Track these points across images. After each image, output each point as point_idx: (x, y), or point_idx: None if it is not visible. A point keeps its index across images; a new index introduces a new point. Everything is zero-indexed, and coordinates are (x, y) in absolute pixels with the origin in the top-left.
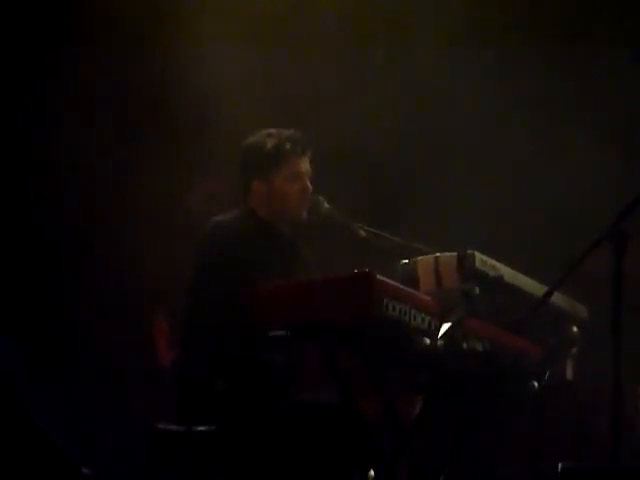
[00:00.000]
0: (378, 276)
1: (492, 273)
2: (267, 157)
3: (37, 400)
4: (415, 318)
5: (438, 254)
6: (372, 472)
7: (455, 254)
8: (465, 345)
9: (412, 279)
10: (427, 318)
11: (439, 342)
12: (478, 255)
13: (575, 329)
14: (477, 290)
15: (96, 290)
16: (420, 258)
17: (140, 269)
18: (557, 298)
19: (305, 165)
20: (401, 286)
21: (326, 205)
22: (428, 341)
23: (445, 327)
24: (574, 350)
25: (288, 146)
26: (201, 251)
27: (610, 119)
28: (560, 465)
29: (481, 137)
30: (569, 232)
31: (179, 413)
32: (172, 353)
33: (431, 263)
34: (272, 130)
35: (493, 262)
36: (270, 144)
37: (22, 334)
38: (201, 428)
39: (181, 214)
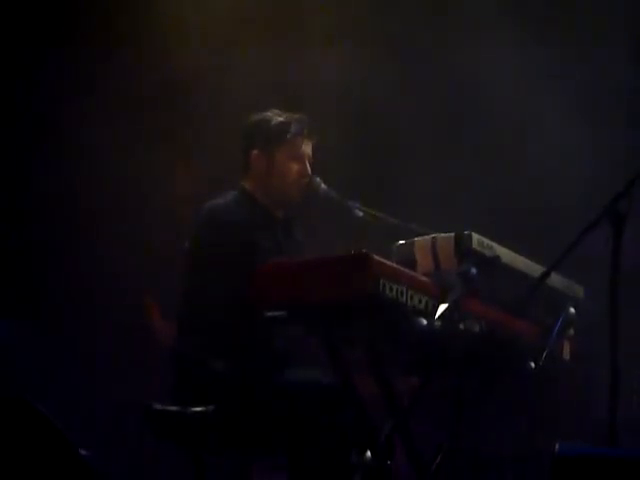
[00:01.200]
0: (375, 256)
1: (489, 254)
2: (273, 131)
3: (34, 381)
4: (412, 299)
5: (435, 235)
6: (369, 452)
7: (452, 235)
8: (462, 326)
9: (409, 260)
10: (424, 299)
11: (436, 323)
12: (475, 236)
13: (572, 310)
14: (474, 271)
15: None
16: (417, 239)
17: (126, 253)
18: (554, 279)
19: (308, 149)
20: (398, 267)
21: (323, 186)
22: (425, 322)
23: (442, 308)
24: (571, 331)
25: (296, 125)
26: (200, 234)
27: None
28: (557, 445)
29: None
30: (567, 213)
31: (176, 393)
32: (169, 332)
33: (428, 244)
34: (278, 111)
35: (490, 243)
36: (278, 120)
37: (19, 316)
38: (198, 408)
39: (165, 197)
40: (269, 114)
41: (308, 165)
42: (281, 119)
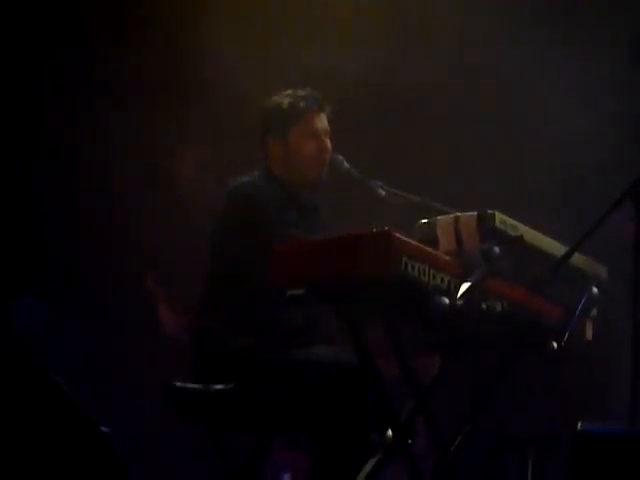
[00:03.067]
0: (397, 235)
1: (512, 233)
2: (283, 115)
3: (55, 358)
4: (434, 277)
5: (458, 214)
6: (390, 432)
7: (475, 214)
8: (484, 305)
9: (431, 239)
10: (446, 278)
11: (458, 302)
12: (498, 215)
13: (595, 290)
14: (497, 250)
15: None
16: (440, 218)
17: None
18: (577, 258)
19: (321, 122)
20: (420, 245)
21: (345, 164)
22: (447, 301)
23: (464, 287)
24: (594, 311)
25: (304, 103)
26: (227, 212)
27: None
28: (579, 425)
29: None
30: (590, 192)
31: (196, 371)
32: (174, 318)
33: (451, 223)
34: (289, 91)
35: (513, 222)
36: (286, 102)
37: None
38: (220, 386)
39: (166, 181)
40: (278, 98)
41: (326, 139)
42: (289, 100)
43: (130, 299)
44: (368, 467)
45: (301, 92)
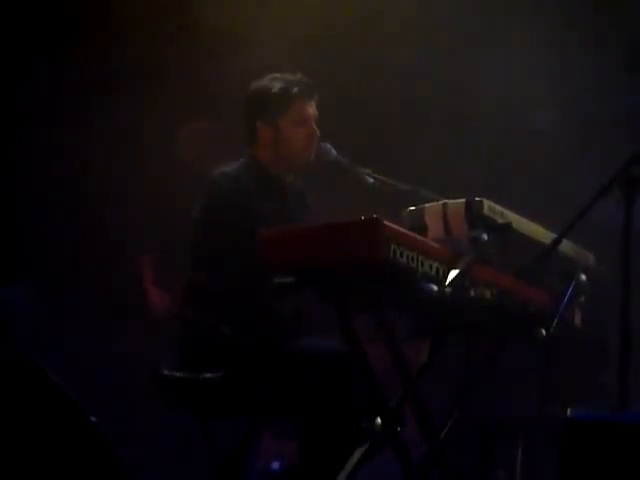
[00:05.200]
0: (386, 222)
1: (500, 220)
2: (274, 100)
3: (44, 348)
4: (423, 265)
5: (446, 201)
6: (379, 419)
7: (463, 201)
8: (473, 292)
9: (420, 226)
10: (435, 265)
11: (447, 289)
12: (486, 202)
13: (583, 277)
14: (485, 237)
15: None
16: (428, 205)
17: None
18: (565, 245)
19: (312, 109)
20: (409, 232)
21: (333, 152)
22: (436, 288)
23: (453, 274)
24: (582, 298)
25: (296, 89)
26: (205, 202)
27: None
28: (569, 411)
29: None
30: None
31: (183, 359)
32: (165, 303)
33: (439, 210)
34: (277, 74)
35: (501, 209)
36: (277, 87)
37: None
38: (208, 374)
39: (165, 158)
40: (267, 81)
41: (315, 125)
42: (280, 85)
43: (117, 284)
44: (357, 454)
45: (291, 77)
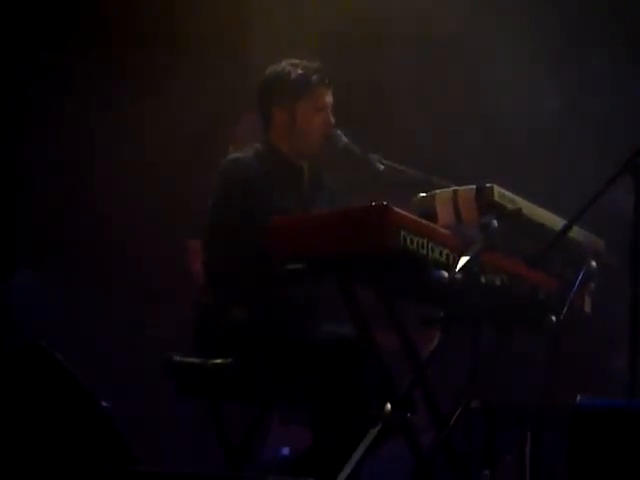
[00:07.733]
0: (395, 209)
1: (510, 206)
2: (292, 85)
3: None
4: (433, 251)
5: (456, 187)
6: (389, 405)
7: (474, 187)
8: (483, 279)
9: (430, 212)
10: (445, 251)
11: (457, 275)
12: (497, 188)
13: (593, 263)
14: (495, 223)
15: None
16: (438, 191)
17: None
18: (575, 232)
19: (329, 97)
20: (419, 219)
21: (344, 139)
22: (446, 274)
23: (463, 260)
24: (592, 284)
25: (315, 77)
26: (220, 187)
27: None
28: (578, 397)
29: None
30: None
31: (196, 344)
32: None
33: (449, 196)
34: (296, 60)
35: (512, 195)
36: (296, 73)
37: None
38: (218, 360)
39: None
40: (286, 66)
41: (330, 114)
42: (300, 71)
43: (133, 269)
44: (367, 440)
45: (309, 64)
